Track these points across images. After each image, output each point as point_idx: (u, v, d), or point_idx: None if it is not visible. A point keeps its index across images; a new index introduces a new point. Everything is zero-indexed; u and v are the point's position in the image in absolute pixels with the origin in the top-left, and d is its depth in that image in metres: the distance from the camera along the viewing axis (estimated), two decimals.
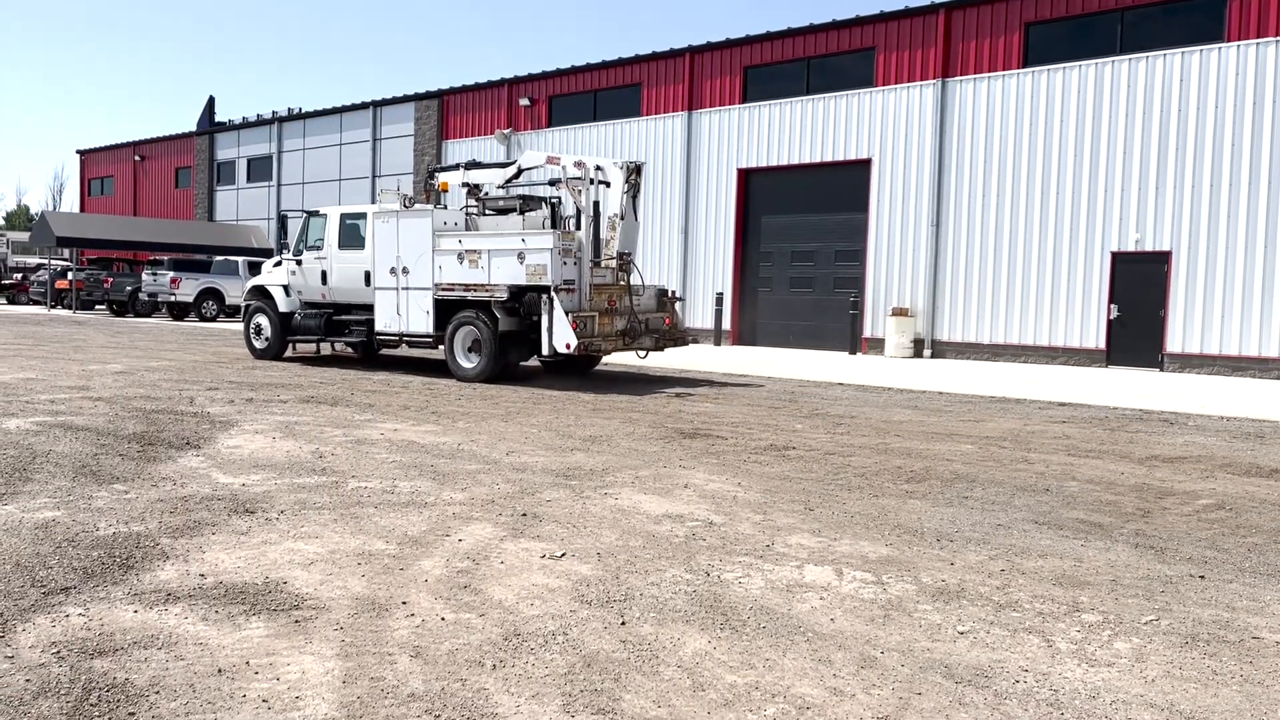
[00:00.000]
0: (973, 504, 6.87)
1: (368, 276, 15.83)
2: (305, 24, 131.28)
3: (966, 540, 5.83)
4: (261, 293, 17.67)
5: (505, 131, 30.39)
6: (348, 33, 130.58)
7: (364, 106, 35.56)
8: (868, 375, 16.96)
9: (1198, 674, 3.84)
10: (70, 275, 37.89)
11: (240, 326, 19.50)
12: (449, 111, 32.68)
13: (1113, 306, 19.67)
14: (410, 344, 15.63)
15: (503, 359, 14.37)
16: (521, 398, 12.73)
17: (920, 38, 22.12)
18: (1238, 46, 18.21)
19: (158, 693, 3.45)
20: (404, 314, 15.26)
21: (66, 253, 43.10)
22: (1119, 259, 19.59)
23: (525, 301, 13.96)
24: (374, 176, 35.04)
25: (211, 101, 43.65)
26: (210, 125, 42.95)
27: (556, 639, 4.06)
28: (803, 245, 24.54)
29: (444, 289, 14.73)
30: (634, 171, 14.93)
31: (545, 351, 13.82)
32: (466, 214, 16.08)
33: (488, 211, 16.27)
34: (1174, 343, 18.96)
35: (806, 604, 4.59)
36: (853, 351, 22.46)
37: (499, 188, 16.58)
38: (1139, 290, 19.38)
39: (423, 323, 15.06)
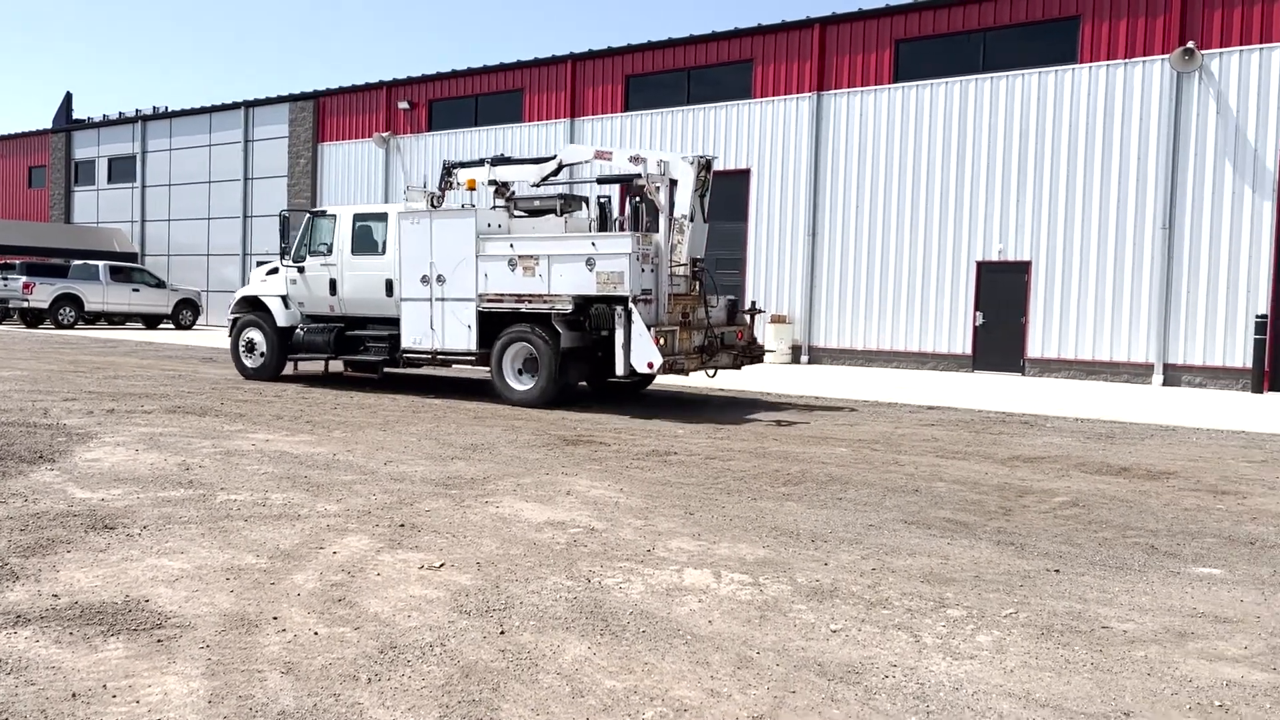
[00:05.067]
0: (846, 505, 7.07)
1: (389, 286, 14.02)
2: (169, 20, 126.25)
3: (840, 540, 6.00)
4: (254, 304, 15.57)
5: (384, 135, 29.84)
6: (216, 31, 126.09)
7: (235, 107, 34.39)
8: (746, 381, 17.26)
9: (1052, 663, 4.04)
10: None
11: (102, 333, 18.36)
12: (325, 114, 31.89)
13: (978, 314, 20.54)
14: (445, 362, 13.81)
15: (563, 379, 12.75)
16: (400, 406, 12.51)
17: (796, 51, 22.69)
18: (1090, 68, 19.28)
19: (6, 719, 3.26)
20: (439, 328, 13.43)
21: None
22: (984, 268, 20.47)
23: (593, 314, 12.42)
24: (246, 179, 33.96)
25: (69, 98, 41.53)
26: (67, 122, 40.84)
27: (434, 650, 4.00)
28: None
29: (490, 300, 13.01)
30: (704, 167, 13.16)
31: (621, 371, 12.20)
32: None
33: (518, 212, 14.24)
34: (1034, 348, 19.91)
35: (686, 607, 4.65)
36: None
37: (533, 186, 14.70)
38: (1002, 298, 20.30)
39: (463, 338, 13.27)
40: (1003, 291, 20.27)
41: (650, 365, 11.91)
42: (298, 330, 15.01)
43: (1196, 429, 12.04)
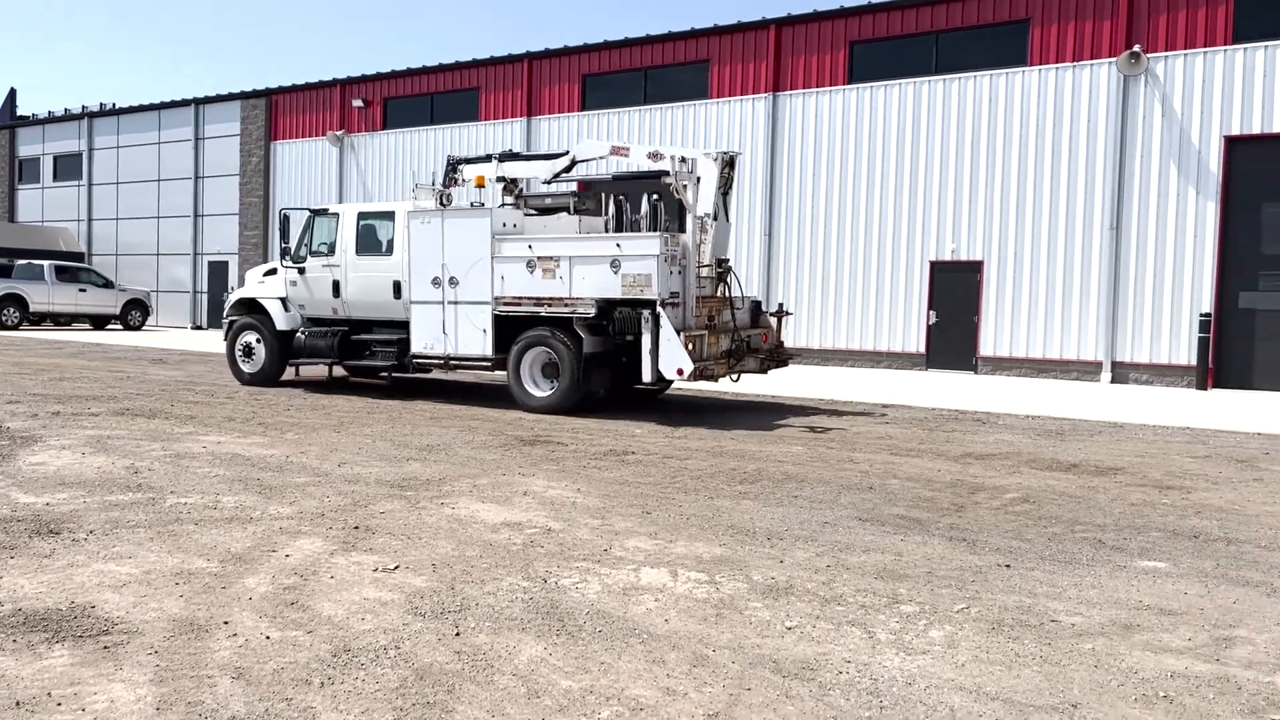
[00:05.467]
0: (802, 503, 7.12)
1: (397, 287, 13.47)
2: (117, 15, 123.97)
3: (795, 538, 6.04)
4: (251, 306, 14.93)
5: (338, 133, 29.53)
6: (165, 28, 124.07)
7: (185, 104, 33.82)
8: (703, 380, 17.28)
9: (1003, 657, 4.11)
10: None
11: (48, 334, 17.92)
12: (278, 111, 31.49)
13: (932, 313, 20.78)
14: (455, 367, 13.37)
15: (584, 385, 12.25)
16: (355, 407, 12.39)
17: (752, 52, 22.80)
18: (1039, 70, 19.59)
19: None
20: (451, 333, 12.91)
21: None
22: (937, 268, 20.71)
23: (617, 318, 11.84)
24: (197, 178, 33.41)
25: (13, 94, 40.66)
26: (11, 119, 39.93)
27: (388, 653, 3.97)
28: None
29: (507, 303, 12.52)
30: (728, 164, 12.77)
31: (649, 378, 11.66)
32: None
33: (528, 211, 13.75)
34: (986, 347, 20.19)
35: (642, 606, 4.65)
36: None
37: (544, 183, 14.25)
38: (955, 297, 20.55)
39: (478, 343, 12.74)
40: (955, 291, 20.52)
41: (680, 372, 11.44)
42: (299, 334, 14.41)
43: (1143, 425, 12.28)
